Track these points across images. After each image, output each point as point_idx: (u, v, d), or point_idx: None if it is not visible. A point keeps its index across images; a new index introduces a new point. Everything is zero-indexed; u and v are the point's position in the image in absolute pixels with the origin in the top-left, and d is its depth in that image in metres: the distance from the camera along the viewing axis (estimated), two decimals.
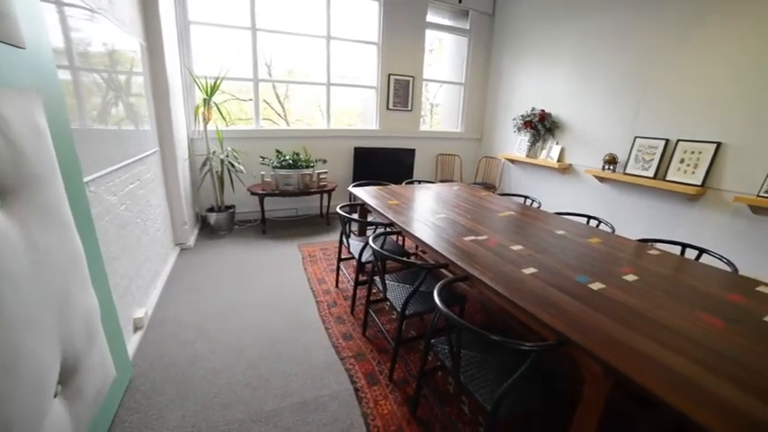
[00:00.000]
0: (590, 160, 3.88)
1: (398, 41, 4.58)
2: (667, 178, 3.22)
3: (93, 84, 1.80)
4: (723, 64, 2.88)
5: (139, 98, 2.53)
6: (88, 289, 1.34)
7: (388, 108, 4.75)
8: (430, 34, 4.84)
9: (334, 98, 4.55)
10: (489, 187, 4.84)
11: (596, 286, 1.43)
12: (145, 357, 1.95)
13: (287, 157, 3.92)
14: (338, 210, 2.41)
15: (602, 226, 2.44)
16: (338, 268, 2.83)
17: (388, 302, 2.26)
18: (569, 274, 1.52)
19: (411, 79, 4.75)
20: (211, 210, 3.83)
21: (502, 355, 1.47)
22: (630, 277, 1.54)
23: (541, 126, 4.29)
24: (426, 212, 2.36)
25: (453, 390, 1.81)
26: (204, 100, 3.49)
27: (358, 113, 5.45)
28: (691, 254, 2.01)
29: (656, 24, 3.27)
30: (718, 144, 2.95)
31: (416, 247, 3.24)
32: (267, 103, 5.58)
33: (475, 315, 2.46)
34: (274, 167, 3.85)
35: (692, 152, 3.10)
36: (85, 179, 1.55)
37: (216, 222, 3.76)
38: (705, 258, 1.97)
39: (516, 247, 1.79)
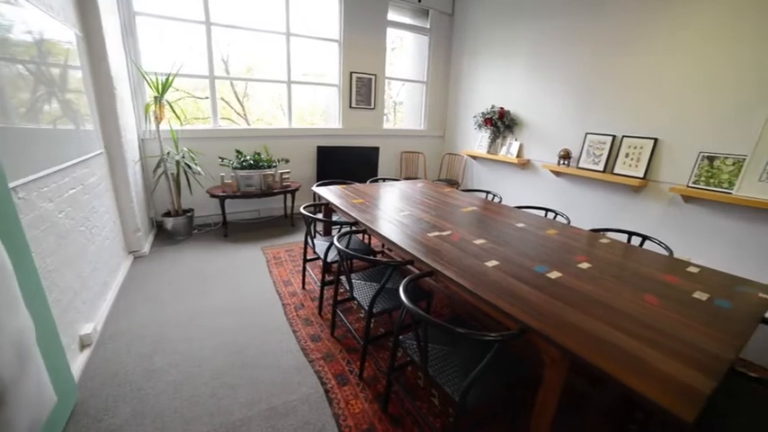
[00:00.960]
0: (546, 155, 4.08)
1: (360, 39, 4.56)
2: (615, 171, 3.45)
3: (17, 77, 1.62)
4: (658, 67, 3.13)
5: (78, 95, 2.33)
6: (18, 308, 1.20)
7: (351, 106, 4.72)
8: (391, 32, 4.86)
9: (296, 96, 4.45)
10: (453, 183, 4.96)
11: (554, 275, 1.50)
12: (94, 377, 1.81)
13: (248, 158, 3.79)
14: (302, 210, 2.37)
15: (558, 218, 2.57)
16: (304, 269, 2.78)
17: (355, 301, 2.25)
18: (529, 265, 1.59)
19: (373, 77, 4.75)
20: (168, 214, 3.61)
21: (468, 347, 1.51)
22: (584, 265, 1.63)
23: (501, 123, 4.45)
24: (391, 210, 2.37)
25: (423, 383, 1.84)
26: (155, 98, 3.28)
27: (321, 112, 5.37)
28: (636, 240, 2.17)
29: (601, 30, 3.49)
30: (656, 140, 3.20)
31: (382, 245, 3.25)
32: (225, 102, 5.37)
33: (443, 309, 2.51)
34: (235, 168, 3.71)
35: (635, 147, 3.35)
36: (11, 184, 1.40)
37: (173, 227, 3.56)
38: (647, 244, 2.14)
39: (479, 241, 1.84)
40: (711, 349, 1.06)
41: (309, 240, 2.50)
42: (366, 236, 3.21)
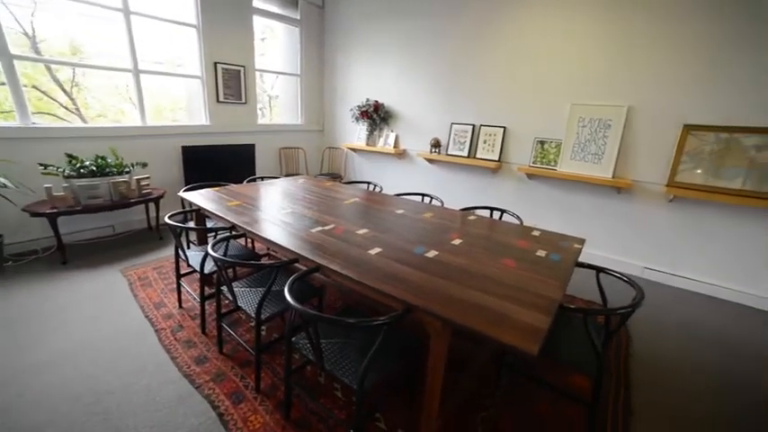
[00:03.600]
0: (420, 145, 4.44)
1: (223, 26, 4.14)
2: (477, 156, 3.98)
3: None
4: (503, 66, 3.70)
5: None
6: None
7: (218, 101, 4.28)
8: (259, 21, 4.55)
9: (149, 88, 3.79)
10: (336, 177, 4.99)
11: (431, 254, 1.65)
12: None
13: (86, 163, 3.10)
14: (167, 219, 2.06)
15: (434, 201, 2.82)
16: (179, 286, 2.44)
17: (243, 311, 2.08)
18: (409, 248, 1.71)
19: (242, 69, 4.39)
20: None
21: (362, 335, 1.55)
22: (457, 241, 1.83)
23: (376, 116, 4.64)
24: (272, 209, 2.25)
25: (324, 380, 1.82)
26: None
27: (183, 107, 4.72)
28: (496, 214, 2.55)
29: (458, 31, 3.93)
30: (504, 128, 3.80)
31: (268, 248, 3.08)
32: (42, 92, 4.22)
33: (336, 302, 2.52)
34: (68, 177, 2.99)
35: (491, 135, 3.90)
36: None
37: None
38: (505, 216, 2.53)
39: (362, 231, 1.90)
40: (548, 294, 1.32)
41: (181, 253, 2.20)
42: (249, 240, 2.99)
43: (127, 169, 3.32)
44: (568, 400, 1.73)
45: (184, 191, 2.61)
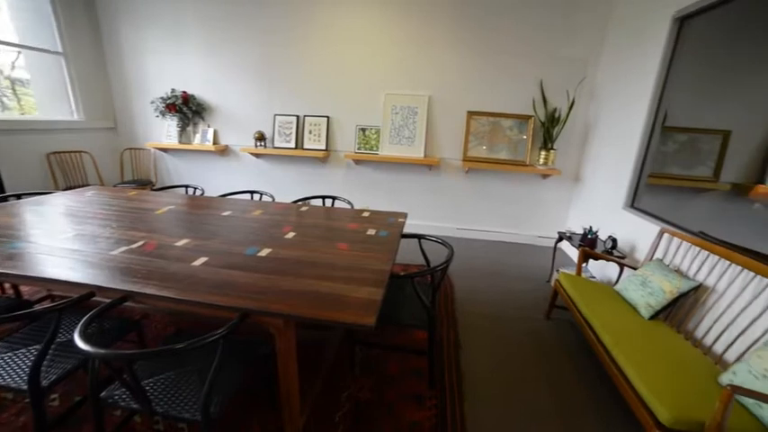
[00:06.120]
0: (243, 139, 4.12)
1: None
2: (305, 147, 3.98)
3: None
4: (321, 57, 3.75)
5: None
6: None
7: None
8: None
9: None
10: (144, 184, 4.16)
11: (264, 252, 1.57)
12: None
13: None
14: None
15: (264, 198, 2.69)
16: None
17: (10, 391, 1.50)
18: (240, 250, 1.58)
19: None
20: None
21: (199, 356, 1.36)
22: (291, 235, 1.80)
23: (187, 109, 4.03)
24: (45, 237, 1.68)
25: (164, 426, 1.53)
26: None
27: None
28: (328, 202, 2.62)
29: (270, 21, 3.70)
30: (328, 117, 3.91)
31: (49, 290, 2.31)
32: None
33: (166, 328, 2.14)
34: None
35: (315, 124, 3.95)
36: None
37: None
38: (337, 203, 2.63)
39: (182, 242, 1.64)
40: (380, 267, 1.46)
41: None
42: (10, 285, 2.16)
43: None
44: (414, 355, 1.99)
45: None
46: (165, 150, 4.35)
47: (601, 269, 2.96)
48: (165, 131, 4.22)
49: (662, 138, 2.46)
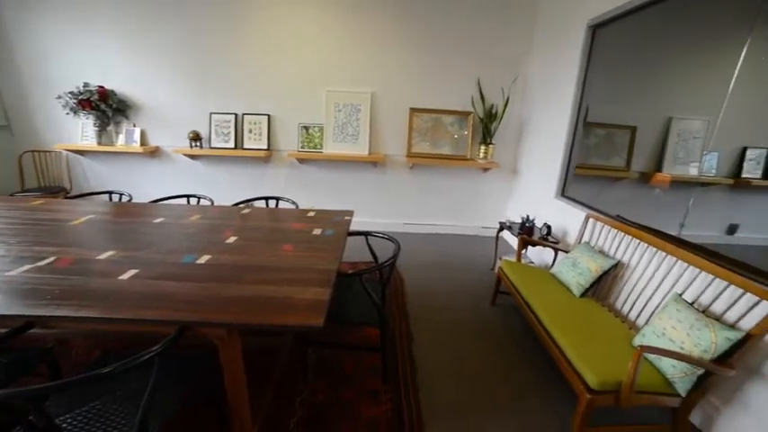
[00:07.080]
0: (176, 140, 3.81)
1: None
2: (245, 147, 3.78)
3: None
4: (258, 52, 3.57)
5: None
6: None
7: None
8: None
9: None
10: (55, 192, 3.68)
11: (203, 260, 1.46)
12: None
13: None
14: None
15: (202, 201, 2.52)
16: None
17: None
18: (175, 259, 1.46)
19: None
20: None
21: (133, 379, 1.24)
22: (232, 239, 1.70)
23: (106, 106, 3.63)
24: None
25: None
26: None
27: None
28: (272, 203, 2.53)
29: (206, 11, 3.44)
30: (269, 116, 3.76)
31: None
32: None
33: (91, 352, 1.91)
34: None
35: (255, 123, 3.78)
36: None
37: None
38: (281, 204, 2.54)
39: (106, 255, 1.47)
40: (326, 267, 1.43)
41: None
42: None
43: None
44: (369, 352, 1.99)
45: None
46: (81, 153, 3.88)
47: (538, 254, 3.19)
48: (81, 132, 3.77)
49: (585, 132, 2.72)
